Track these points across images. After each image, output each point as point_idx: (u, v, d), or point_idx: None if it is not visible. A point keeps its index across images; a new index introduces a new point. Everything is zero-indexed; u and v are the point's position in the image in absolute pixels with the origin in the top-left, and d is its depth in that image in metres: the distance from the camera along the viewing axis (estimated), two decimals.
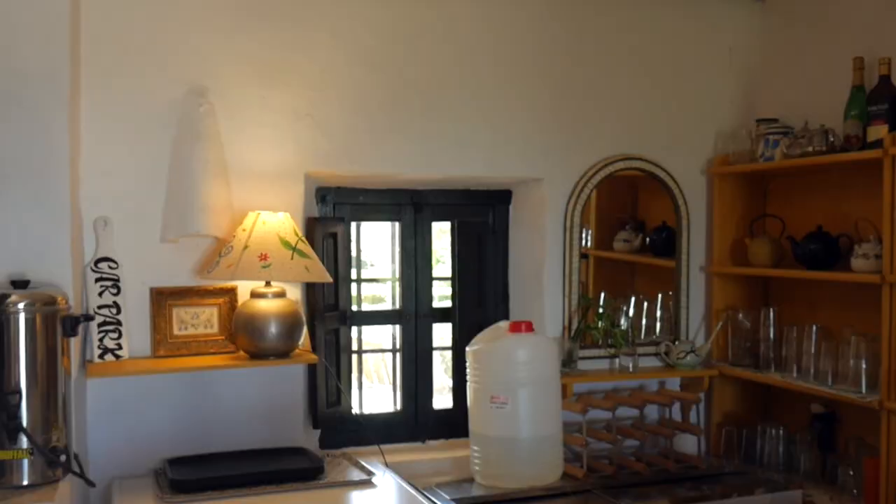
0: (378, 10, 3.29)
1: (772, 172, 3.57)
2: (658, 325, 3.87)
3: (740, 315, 3.63)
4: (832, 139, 3.17)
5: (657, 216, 3.93)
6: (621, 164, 3.62)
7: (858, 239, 3.13)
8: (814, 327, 3.28)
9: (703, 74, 3.78)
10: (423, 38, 3.35)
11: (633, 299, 3.94)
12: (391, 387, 3.70)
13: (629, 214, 4.12)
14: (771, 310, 3.53)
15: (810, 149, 3.22)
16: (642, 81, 3.68)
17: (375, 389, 4.97)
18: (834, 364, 3.16)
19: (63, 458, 2.45)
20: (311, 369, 3.24)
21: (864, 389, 3.02)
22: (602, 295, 3.89)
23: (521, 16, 3.48)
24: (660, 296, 3.90)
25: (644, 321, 3.90)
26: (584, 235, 3.86)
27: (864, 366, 3.02)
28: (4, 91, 2.51)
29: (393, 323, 3.61)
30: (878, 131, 2.97)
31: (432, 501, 2.77)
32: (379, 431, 3.41)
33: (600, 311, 3.70)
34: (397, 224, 3.60)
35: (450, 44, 3.39)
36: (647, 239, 4.00)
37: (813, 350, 3.26)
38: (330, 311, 3.31)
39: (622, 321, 3.66)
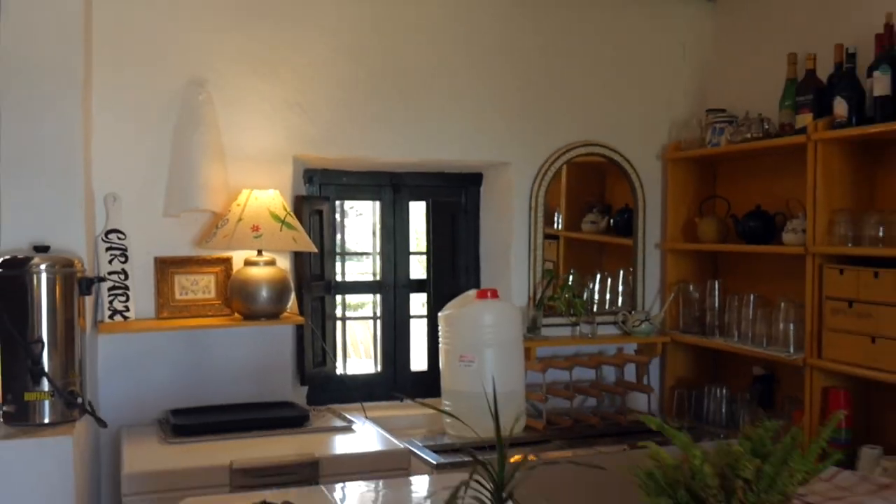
0: (361, 9, 3.64)
1: (718, 157, 3.91)
2: (620, 298, 4.22)
3: (690, 287, 3.98)
4: (767, 126, 3.52)
5: (622, 199, 4.26)
6: (582, 149, 3.97)
7: (790, 216, 3.48)
8: (751, 296, 3.63)
9: (660, 68, 4.12)
10: (401, 34, 3.70)
11: (598, 276, 4.29)
12: (372, 351, 4.05)
13: (597, 198, 4.47)
14: (716, 282, 3.89)
15: (749, 135, 3.58)
16: (603, 74, 4.02)
17: (361, 362, 5.29)
18: (768, 328, 3.51)
19: (80, 400, 2.80)
20: (299, 332, 3.59)
21: (791, 349, 3.37)
22: (571, 272, 4.24)
23: (491, 14, 3.83)
24: (621, 272, 4.25)
25: (608, 295, 4.26)
26: (556, 218, 4.23)
27: (791, 328, 3.38)
28: (26, 83, 2.86)
29: (374, 293, 3.97)
30: (805, 119, 3.32)
31: (405, 445, 3.11)
32: (361, 390, 3.77)
33: (569, 283, 4.05)
34: (378, 203, 3.95)
35: (426, 39, 3.74)
36: (612, 220, 4.34)
37: (751, 316, 3.61)
38: (316, 281, 3.66)
39: (584, 294, 4.01)
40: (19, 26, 2.85)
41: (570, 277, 4.14)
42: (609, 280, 4.30)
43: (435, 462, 3.07)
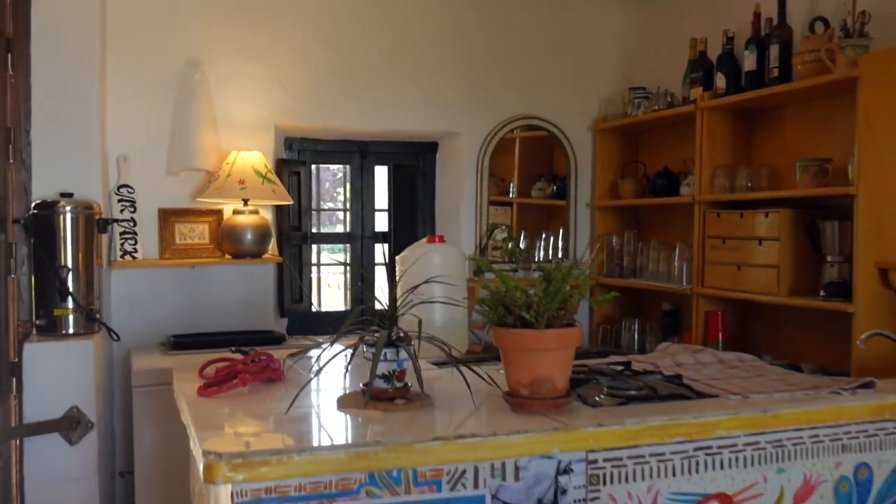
0: (334, 3, 4.32)
1: (637, 127, 4.60)
2: (560, 252, 4.90)
3: (614, 238, 4.67)
4: (670, 99, 4.21)
5: (565, 169, 4.94)
6: (522, 122, 4.66)
7: (687, 173, 4.16)
8: (657, 241, 4.32)
9: (592, 53, 4.81)
10: (367, 24, 4.38)
11: (543, 235, 4.99)
12: (342, 291, 4.75)
13: (545, 169, 5.16)
14: (633, 232, 4.58)
15: (656, 107, 4.26)
16: (543, 58, 4.70)
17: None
18: (668, 267, 4.20)
19: (98, 316, 3.49)
20: (279, 274, 4.28)
21: (684, 282, 4.06)
22: (522, 232, 4.93)
23: (444, 7, 4.51)
24: (561, 230, 4.94)
25: (551, 251, 4.94)
26: (510, 187, 4.91)
27: (685, 266, 4.06)
28: (53, 63, 3.54)
29: (344, 243, 4.66)
30: (696, 92, 4.00)
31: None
32: (333, 324, 4.45)
33: (511, 236, 4.75)
34: (348, 167, 4.65)
35: (389, 29, 4.42)
36: (556, 187, 5.03)
37: (657, 258, 4.30)
38: (294, 231, 4.36)
39: (523, 245, 4.71)
40: (48, 17, 3.54)
41: (509, 230, 4.83)
42: (552, 238, 4.99)
43: None
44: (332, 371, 2.63)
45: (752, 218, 3.59)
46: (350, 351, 2.35)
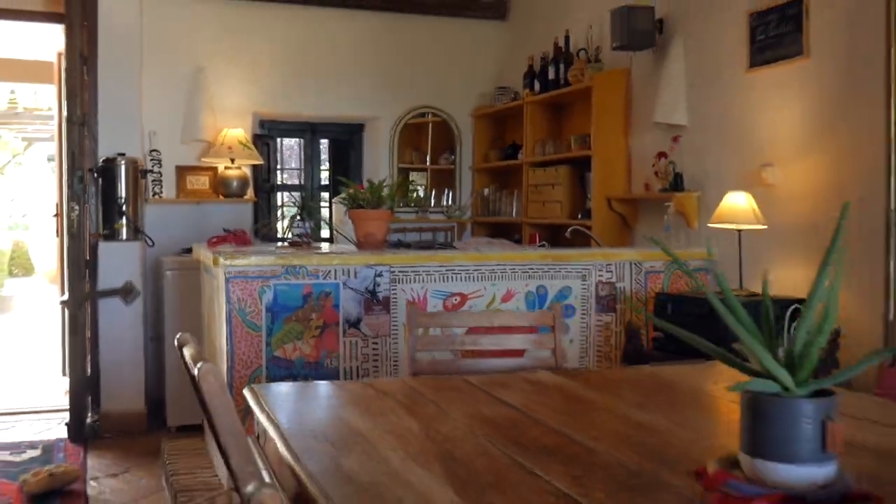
0: (292, 28, 6.45)
1: (500, 114, 6.75)
2: (451, 200, 7.06)
3: (485, 190, 6.84)
4: (514, 96, 6.37)
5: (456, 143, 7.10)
6: (422, 110, 6.81)
7: (522, 145, 6.32)
8: (507, 191, 6.49)
9: (473, 60, 6.94)
10: (315, 42, 6.52)
11: (445, 190, 7.15)
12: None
13: (448, 145, 7.31)
14: (496, 185, 6.75)
15: (506, 101, 6.42)
16: (438, 64, 6.84)
17: None
18: (515, 206, 6.37)
19: (141, 229, 5.64)
20: (255, 211, 6.42)
21: (519, 217, 6.23)
22: (433, 190, 7.09)
23: (367, 30, 6.65)
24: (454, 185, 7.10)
25: (450, 201, 7.11)
26: (426, 158, 7.05)
27: (519, 205, 6.23)
28: (112, 71, 5.66)
29: (299, 191, 6.82)
30: (526, 92, 6.16)
31: None
32: None
33: (428, 192, 6.90)
34: (302, 140, 6.80)
35: (330, 46, 6.56)
36: (454, 157, 7.18)
37: (507, 202, 6.46)
38: (265, 183, 6.51)
39: (423, 195, 6.88)
40: (108, 40, 5.66)
41: (422, 186, 6.99)
42: (451, 192, 7.16)
43: None
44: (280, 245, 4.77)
45: (550, 172, 5.76)
46: (289, 232, 4.44)
